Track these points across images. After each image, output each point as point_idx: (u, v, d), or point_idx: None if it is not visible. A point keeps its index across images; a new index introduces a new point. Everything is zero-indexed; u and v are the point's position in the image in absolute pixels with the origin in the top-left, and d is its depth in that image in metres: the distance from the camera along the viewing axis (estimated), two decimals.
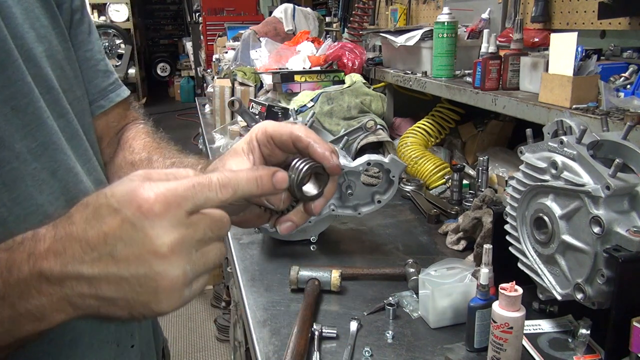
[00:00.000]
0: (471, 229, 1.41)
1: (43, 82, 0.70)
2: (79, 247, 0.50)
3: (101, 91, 0.88)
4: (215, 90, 3.04)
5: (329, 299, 1.25)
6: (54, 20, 0.76)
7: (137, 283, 0.50)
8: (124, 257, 0.50)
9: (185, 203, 0.51)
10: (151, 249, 0.50)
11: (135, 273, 0.50)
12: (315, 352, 1.04)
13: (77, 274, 0.50)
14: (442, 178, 1.94)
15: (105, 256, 0.50)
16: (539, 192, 1.03)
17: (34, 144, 0.67)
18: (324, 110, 2.16)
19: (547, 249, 1.01)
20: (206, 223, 0.53)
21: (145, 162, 0.88)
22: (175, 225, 0.50)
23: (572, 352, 0.99)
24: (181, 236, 0.50)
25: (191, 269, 0.52)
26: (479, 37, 1.95)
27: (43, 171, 0.68)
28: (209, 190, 0.53)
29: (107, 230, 0.50)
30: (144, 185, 0.51)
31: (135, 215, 0.49)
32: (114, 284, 0.51)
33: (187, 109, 9.81)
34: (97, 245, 0.50)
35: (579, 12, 1.72)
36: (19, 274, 0.51)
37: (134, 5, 9.72)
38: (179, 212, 0.50)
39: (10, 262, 0.51)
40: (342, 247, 1.53)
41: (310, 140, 0.65)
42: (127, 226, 0.49)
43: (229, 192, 0.54)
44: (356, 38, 3.04)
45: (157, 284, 0.50)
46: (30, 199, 0.66)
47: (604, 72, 1.33)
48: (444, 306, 1.11)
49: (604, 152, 1.00)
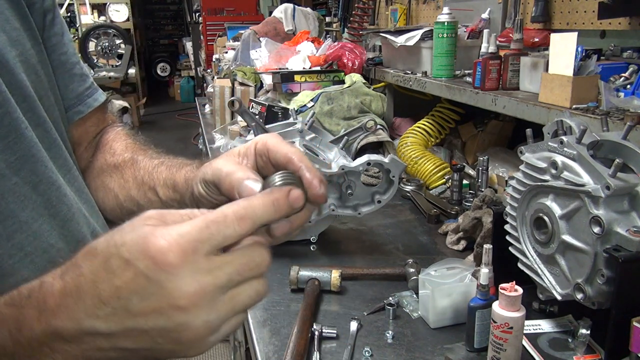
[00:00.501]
0: (471, 229, 1.41)
1: (18, 90, 0.66)
2: (91, 302, 0.47)
3: (78, 96, 0.83)
4: (215, 90, 3.04)
5: (329, 299, 1.25)
6: (25, 22, 0.72)
7: (158, 335, 0.48)
8: (140, 311, 0.47)
9: (201, 247, 0.47)
10: (169, 302, 0.46)
11: (155, 326, 0.47)
12: (315, 352, 1.04)
13: (93, 330, 0.47)
14: (442, 178, 1.94)
15: (120, 310, 0.47)
16: (539, 192, 1.03)
17: (12, 158, 0.63)
18: (324, 110, 2.16)
19: (547, 249, 1.01)
20: (233, 266, 0.49)
21: (130, 162, 0.85)
22: (194, 274, 0.46)
23: (572, 352, 0.99)
24: (201, 285, 0.47)
25: (217, 316, 0.48)
26: (479, 37, 1.95)
27: (24, 186, 0.64)
28: (226, 226, 0.48)
29: (120, 284, 0.47)
30: (156, 233, 0.47)
31: (149, 267, 0.46)
32: (132, 337, 0.48)
33: (187, 109, 9.81)
34: (109, 300, 0.47)
35: (579, 12, 1.72)
36: (30, 333, 0.48)
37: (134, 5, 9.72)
38: (196, 259, 0.47)
39: (20, 319, 0.48)
40: (342, 247, 1.53)
41: (302, 165, 0.62)
42: (142, 280, 0.46)
43: (247, 224, 0.50)
44: (356, 38, 3.04)
45: (180, 335, 0.48)
46: (13, 217, 0.62)
47: (604, 72, 1.33)
48: (444, 306, 1.11)
49: (604, 152, 1.00)
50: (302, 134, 1.46)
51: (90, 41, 8.22)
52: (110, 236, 0.49)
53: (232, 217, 0.49)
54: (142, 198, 0.80)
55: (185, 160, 0.80)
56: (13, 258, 0.62)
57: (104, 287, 0.47)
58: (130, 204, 0.82)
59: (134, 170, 0.83)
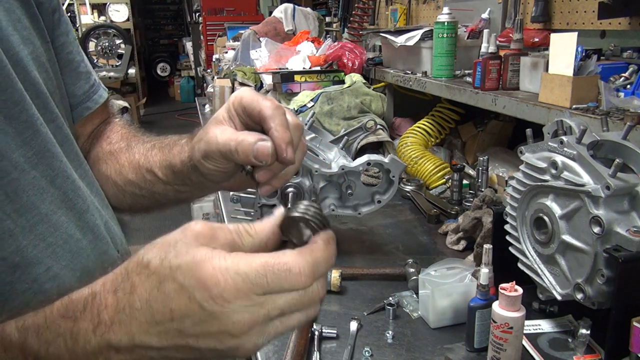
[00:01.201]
0: (471, 229, 1.41)
1: (32, 87, 0.68)
2: (145, 320, 0.49)
3: (85, 93, 0.86)
4: (215, 90, 3.04)
5: (329, 299, 1.25)
6: (35, 21, 0.74)
7: (209, 351, 0.50)
8: (193, 333, 0.49)
9: (257, 289, 0.48)
10: (221, 329, 0.48)
11: (205, 346, 0.50)
12: (315, 352, 1.04)
13: (146, 345, 0.50)
14: (442, 178, 1.94)
15: (173, 330, 0.49)
16: (539, 192, 1.03)
17: (30, 153, 0.65)
18: (324, 110, 2.16)
19: (547, 249, 1.01)
20: (286, 302, 0.49)
21: (125, 149, 0.87)
22: (247, 308, 0.48)
23: (572, 352, 0.99)
24: (253, 318, 0.48)
25: (266, 339, 0.50)
26: (479, 37, 1.95)
27: (42, 180, 0.66)
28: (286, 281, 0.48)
29: (174, 307, 0.48)
30: (213, 263, 0.47)
31: (204, 298, 0.47)
32: (184, 351, 0.51)
33: (187, 109, 9.82)
34: (163, 320, 0.49)
35: (579, 12, 1.72)
36: (85, 345, 0.50)
37: (134, 5, 9.71)
38: (250, 297, 0.48)
39: (75, 331, 0.51)
40: (342, 247, 1.52)
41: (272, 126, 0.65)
42: (195, 307, 0.48)
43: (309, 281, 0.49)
44: (356, 38, 3.04)
45: (231, 353, 0.51)
46: (34, 209, 0.65)
47: (604, 72, 1.33)
48: (444, 306, 1.11)
49: (604, 152, 1.00)
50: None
51: (90, 41, 8.22)
52: (163, 253, 0.50)
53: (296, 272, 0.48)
54: (142, 181, 0.84)
55: (174, 137, 0.83)
56: (37, 248, 0.64)
57: (158, 308, 0.49)
58: (132, 188, 0.85)
59: (129, 154, 0.86)
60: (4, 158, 0.62)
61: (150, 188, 0.84)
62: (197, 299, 0.47)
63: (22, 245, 0.62)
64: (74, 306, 0.52)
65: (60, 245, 0.67)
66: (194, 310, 0.48)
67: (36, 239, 0.64)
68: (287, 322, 0.51)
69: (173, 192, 0.83)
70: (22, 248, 0.62)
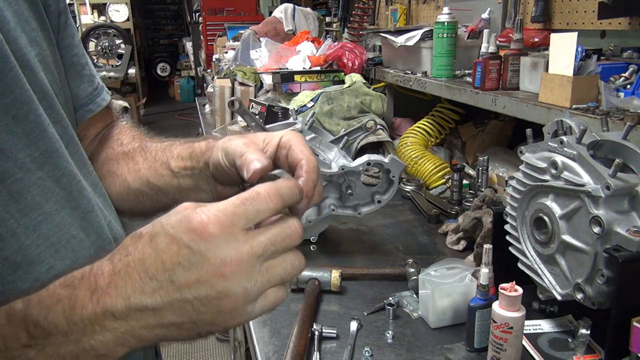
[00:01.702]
0: (471, 229, 1.41)
1: (38, 88, 0.69)
2: (139, 277, 0.51)
3: (88, 96, 0.87)
4: (215, 90, 3.04)
5: (329, 299, 1.25)
6: (42, 22, 0.75)
7: (200, 304, 0.52)
8: (184, 282, 0.51)
9: (237, 220, 0.52)
10: (210, 269, 0.51)
11: (197, 295, 0.51)
12: (315, 352, 1.04)
13: (141, 305, 0.51)
14: (442, 178, 1.94)
15: (166, 283, 0.51)
16: (539, 192, 1.03)
17: (36, 153, 0.66)
18: (324, 110, 2.16)
19: (547, 249, 1.01)
20: (266, 237, 0.53)
21: (139, 149, 0.89)
22: (232, 243, 0.51)
23: (572, 352, 0.99)
24: (239, 254, 0.51)
25: (253, 285, 0.53)
26: (479, 37, 1.95)
27: (48, 180, 0.67)
28: (259, 202, 0.53)
29: (165, 258, 0.51)
30: (197, 210, 0.52)
31: (192, 239, 0.51)
32: (177, 309, 0.52)
33: (187, 109, 9.81)
34: (155, 274, 0.51)
35: (579, 12, 1.72)
36: (82, 311, 0.52)
37: (134, 5, 9.70)
38: (233, 230, 0.52)
39: (73, 299, 0.52)
40: (342, 247, 1.53)
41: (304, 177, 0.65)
42: (185, 251, 0.51)
43: (277, 200, 0.54)
44: (356, 38, 3.04)
45: (220, 302, 0.52)
46: (38, 209, 0.65)
47: (604, 72, 1.33)
48: (444, 306, 1.11)
49: (604, 152, 1.00)
50: (302, 134, 1.46)
51: (90, 41, 8.22)
52: (155, 221, 0.54)
53: (264, 194, 0.54)
54: (153, 175, 0.85)
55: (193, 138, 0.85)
56: (39, 247, 0.65)
57: (150, 262, 0.51)
58: (139, 184, 0.86)
59: (145, 153, 0.88)
60: (9, 159, 0.63)
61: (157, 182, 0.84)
62: (185, 242, 0.51)
63: (25, 245, 0.63)
64: (72, 277, 0.54)
65: (64, 244, 0.67)
66: (183, 255, 0.51)
67: (39, 238, 0.65)
68: (272, 269, 0.54)
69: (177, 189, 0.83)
70: (25, 247, 0.63)
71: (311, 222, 1.45)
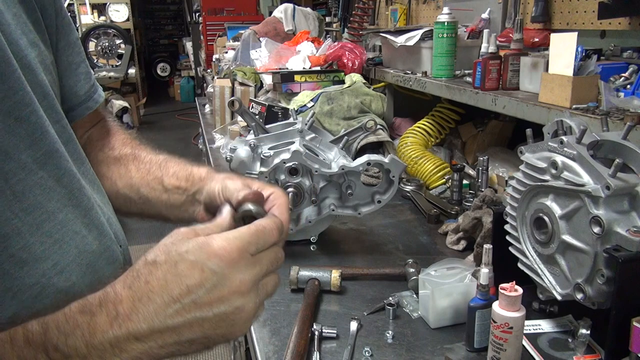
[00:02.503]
0: (471, 229, 1.41)
1: (39, 89, 0.71)
2: (161, 301, 0.56)
3: (86, 93, 0.89)
4: (215, 90, 3.04)
5: (329, 299, 1.25)
6: (37, 24, 0.76)
7: (218, 319, 0.58)
8: (206, 302, 0.57)
9: (251, 248, 0.61)
10: (232, 289, 0.58)
11: (218, 312, 0.58)
12: (315, 352, 1.04)
13: (163, 327, 0.56)
14: (442, 178, 1.94)
15: (189, 305, 0.56)
16: (539, 192, 1.03)
17: (38, 153, 0.68)
18: (324, 110, 2.16)
19: (547, 249, 1.01)
20: (268, 260, 0.63)
21: (131, 157, 0.92)
22: (247, 267, 0.59)
23: (572, 352, 0.99)
24: (252, 275, 0.60)
25: (259, 300, 0.62)
26: (479, 37, 1.95)
27: (49, 179, 0.69)
28: (265, 235, 0.63)
29: (190, 283, 0.56)
30: (215, 238, 0.59)
31: (217, 264, 0.57)
32: (196, 326, 0.57)
33: (187, 109, 9.81)
34: (180, 297, 0.56)
35: (579, 12, 1.72)
36: (103, 336, 0.55)
37: (134, 5, 9.70)
38: (247, 255, 0.60)
39: (92, 325, 0.55)
40: (342, 247, 1.53)
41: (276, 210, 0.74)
42: (209, 275, 0.57)
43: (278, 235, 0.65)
44: (356, 38, 3.04)
45: (236, 316, 0.59)
46: (41, 208, 0.67)
47: (604, 72, 1.33)
48: (443, 306, 1.11)
49: (604, 152, 1.00)
50: (302, 134, 1.47)
51: (90, 41, 8.22)
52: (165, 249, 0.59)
53: (269, 228, 0.64)
54: (145, 186, 0.89)
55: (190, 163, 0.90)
56: (44, 244, 0.67)
57: (174, 287, 0.56)
58: (129, 191, 0.89)
59: (138, 163, 0.91)
60: (12, 159, 0.64)
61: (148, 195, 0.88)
62: (209, 267, 0.57)
63: (30, 243, 0.65)
64: (89, 304, 0.57)
65: (67, 241, 0.69)
66: (207, 278, 0.57)
67: (43, 236, 0.66)
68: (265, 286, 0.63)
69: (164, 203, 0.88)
70: (30, 245, 0.65)
71: (311, 222, 1.45)
